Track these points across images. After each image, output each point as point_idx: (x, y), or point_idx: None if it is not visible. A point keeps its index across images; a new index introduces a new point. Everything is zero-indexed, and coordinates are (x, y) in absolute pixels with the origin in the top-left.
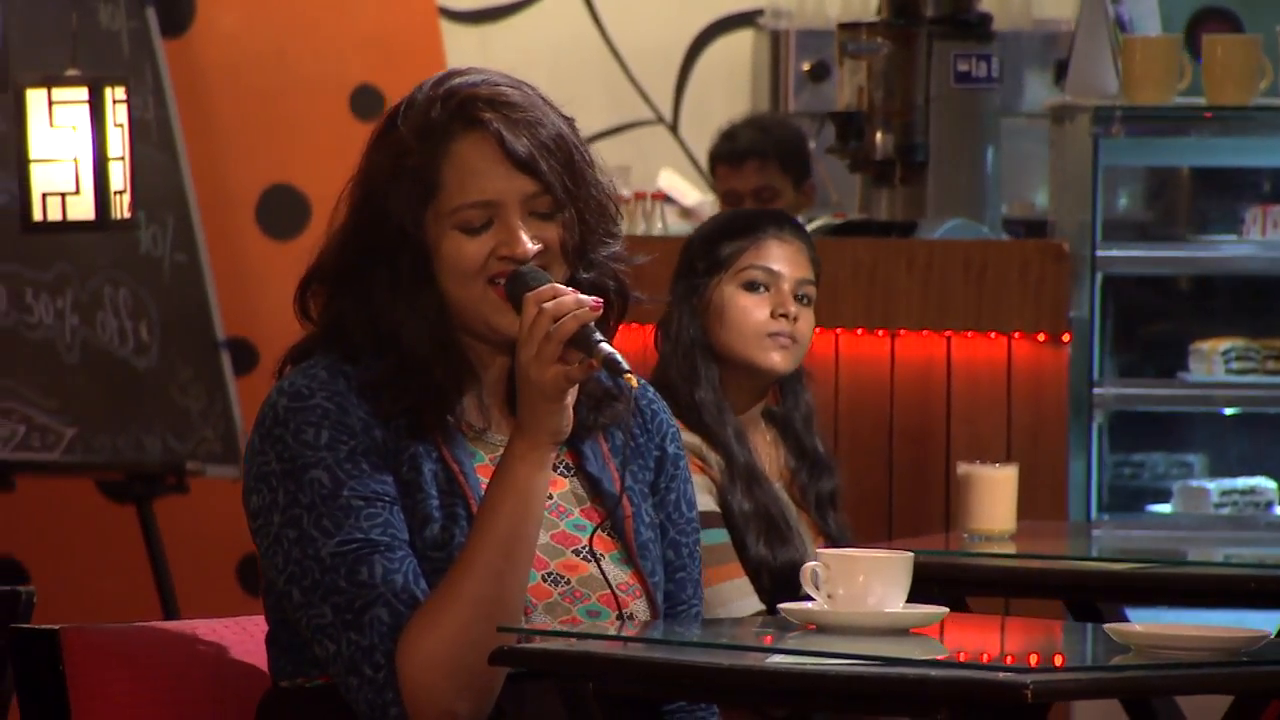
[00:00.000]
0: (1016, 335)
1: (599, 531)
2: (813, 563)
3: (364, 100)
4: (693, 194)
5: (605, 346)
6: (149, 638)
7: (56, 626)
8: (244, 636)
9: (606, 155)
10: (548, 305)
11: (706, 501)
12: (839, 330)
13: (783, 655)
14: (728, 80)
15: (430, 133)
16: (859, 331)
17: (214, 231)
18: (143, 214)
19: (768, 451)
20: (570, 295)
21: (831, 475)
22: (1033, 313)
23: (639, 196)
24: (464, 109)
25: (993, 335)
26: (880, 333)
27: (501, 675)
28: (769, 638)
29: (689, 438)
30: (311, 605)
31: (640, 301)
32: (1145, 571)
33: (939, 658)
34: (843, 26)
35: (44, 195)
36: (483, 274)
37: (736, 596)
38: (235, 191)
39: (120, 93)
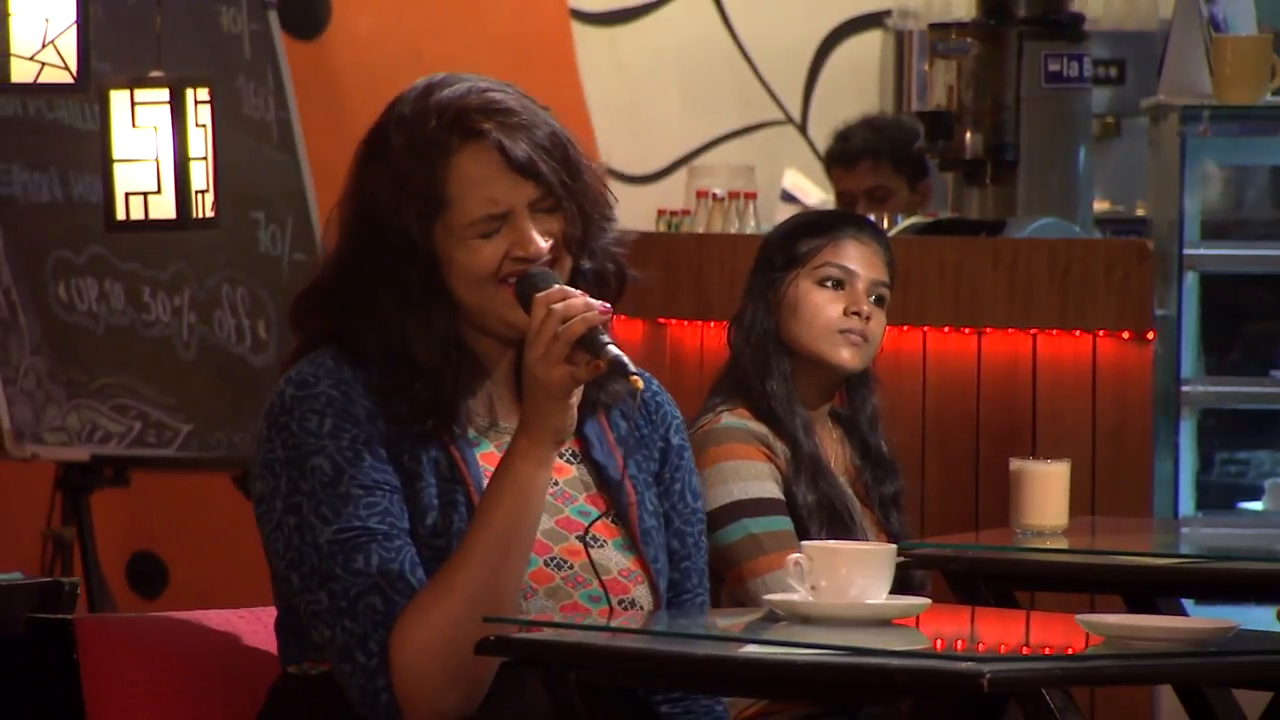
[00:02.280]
0: (1101, 333)
1: (603, 518)
2: (796, 555)
3: None
4: (815, 194)
5: (613, 349)
6: (162, 627)
7: (70, 616)
8: (256, 625)
9: (734, 155)
10: (557, 307)
11: (772, 489)
12: (926, 328)
13: (756, 645)
14: (856, 80)
15: (428, 149)
16: (946, 329)
17: None
18: (262, 214)
19: (834, 449)
20: (579, 298)
21: (896, 478)
22: (1117, 311)
23: (733, 196)
24: (460, 121)
25: (1078, 333)
26: (967, 330)
27: (493, 667)
28: (750, 628)
29: (757, 427)
30: (309, 591)
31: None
32: (1187, 567)
33: (907, 648)
34: (933, 27)
35: (126, 194)
36: (496, 276)
37: None
38: None
39: (203, 94)
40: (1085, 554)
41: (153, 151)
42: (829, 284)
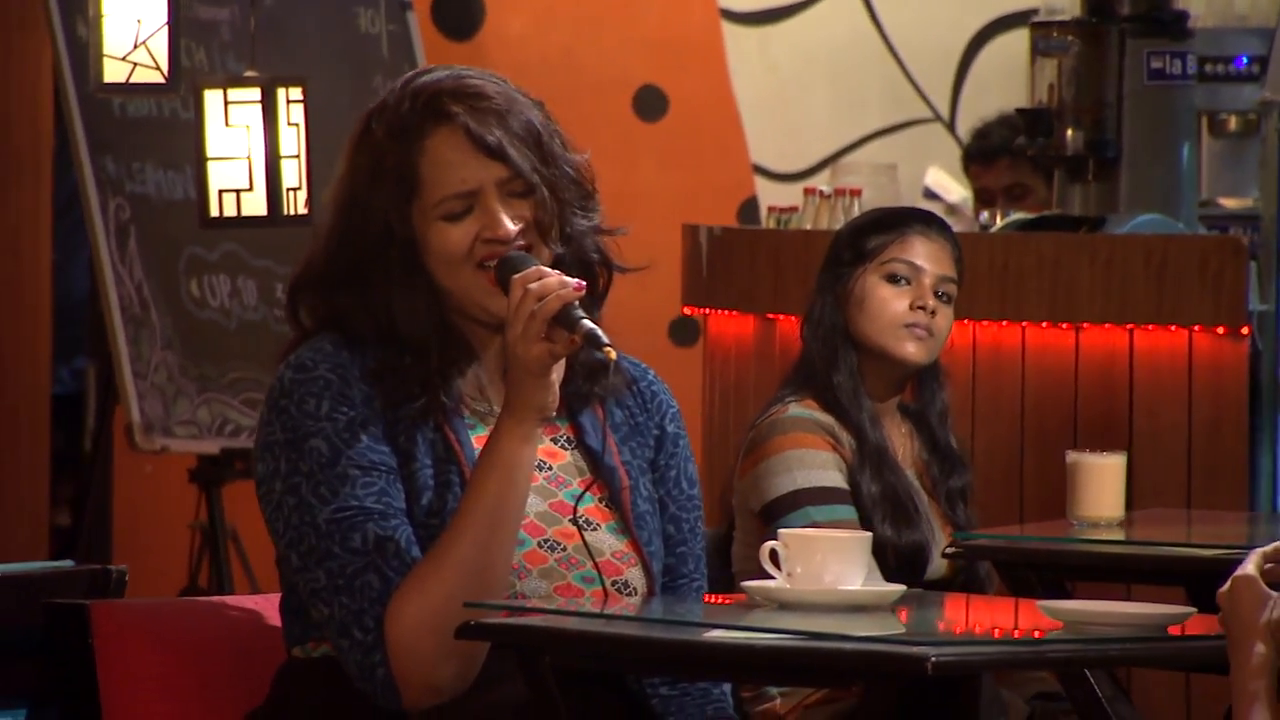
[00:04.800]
0: (1196, 328)
1: (598, 503)
2: (772, 542)
3: (647, 100)
4: (958, 191)
5: (586, 323)
6: (175, 612)
7: (85, 601)
8: (268, 610)
9: (882, 153)
10: (533, 286)
11: (836, 478)
12: (1025, 323)
13: (720, 630)
14: (1005, 78)
15: (403, 131)
16: (1044, 325)
17: None
18: None
19: (902, 442)
20: (554, 277)
21: (964, 472)
22: (1212, 306)
23: (839, 193)
24: (432, 105)
25: (1173, 328)
26: (1064, 326)
27: (486, 644)
28: (722, 614)
29: (823, 417)
30: (308, 569)
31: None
32: (1234, 556)
33: (869, 633)
34: (1035, 25)
35: (220, 191)
36: (470, 259)
37: None
38: None
39: (296, 93)
40: (1131, 545)
41: (245, 149)
42: (895, 279)
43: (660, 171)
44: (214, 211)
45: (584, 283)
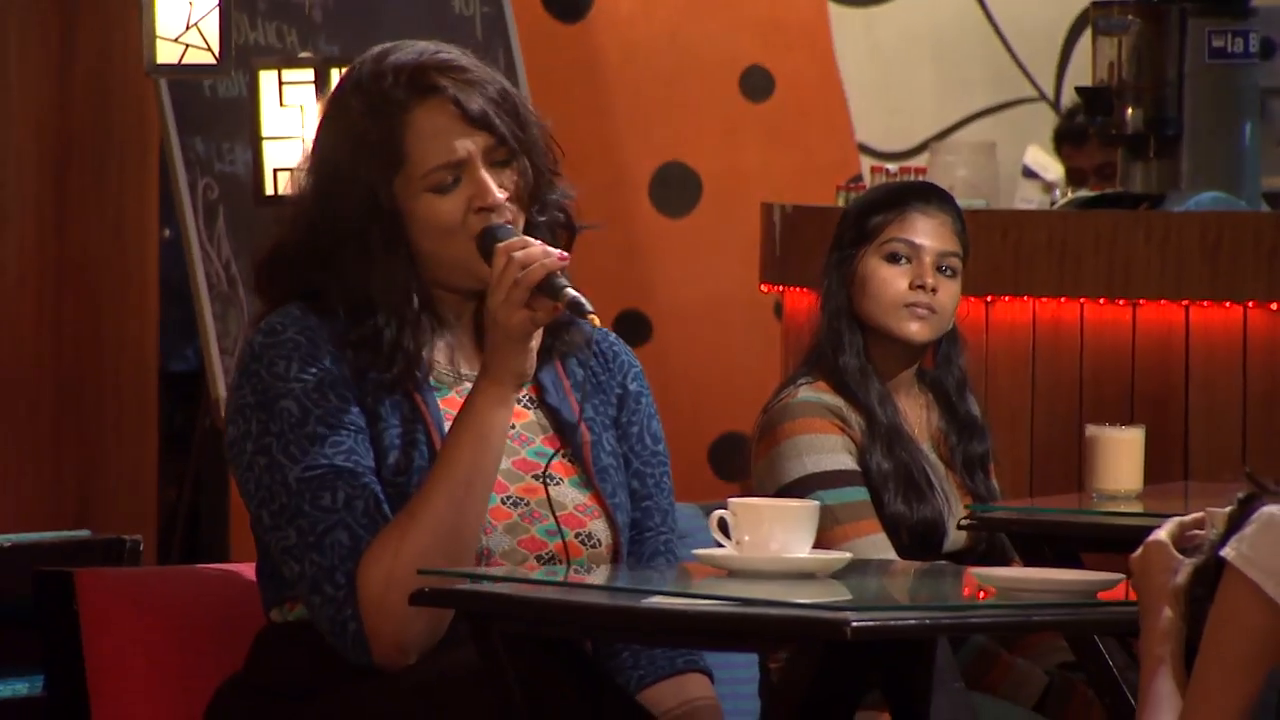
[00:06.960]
0: (1251, 304)
1: (561, 458)
2: (720, 511)
3: (753, 80)
4: (1056, 170)
5: (570, 291)
6: (159, 580)
7: (70, 569)
8: (250, 575)
9: (987, 132)
10: (517, 254)
11: (846, 460)
12: (1083, 300)
13: (660, 596)
14: None
15: (385, 106)
16: (1101, 301)
17: (609, 208)
18: None
19: (919, 414)
20: (538, 246)
21: (983, 439)
22: (1266, 282)
23: (904, 171)
24: (416, 79)
25: (1228, 304)
26: (1121, 302)
27: None
28: (667, 581)
29: (832, 399)
30: (279, 528)
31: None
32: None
33: (806, 600)
34: (1096, 4)
35: (274, 170)
36: (464, 229)
37: (873, 551)
38: (630, 170)
39: None
40: (1140, 516)
41: (299, 129)
42: (896, 259)
43: (766, 151)
44: (269, 190)
45: (567, 255)
